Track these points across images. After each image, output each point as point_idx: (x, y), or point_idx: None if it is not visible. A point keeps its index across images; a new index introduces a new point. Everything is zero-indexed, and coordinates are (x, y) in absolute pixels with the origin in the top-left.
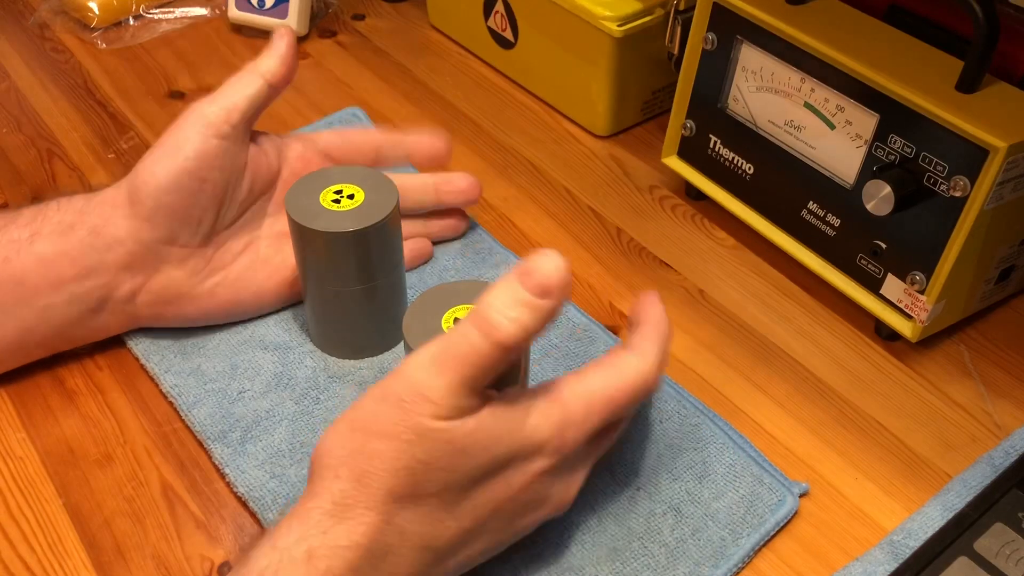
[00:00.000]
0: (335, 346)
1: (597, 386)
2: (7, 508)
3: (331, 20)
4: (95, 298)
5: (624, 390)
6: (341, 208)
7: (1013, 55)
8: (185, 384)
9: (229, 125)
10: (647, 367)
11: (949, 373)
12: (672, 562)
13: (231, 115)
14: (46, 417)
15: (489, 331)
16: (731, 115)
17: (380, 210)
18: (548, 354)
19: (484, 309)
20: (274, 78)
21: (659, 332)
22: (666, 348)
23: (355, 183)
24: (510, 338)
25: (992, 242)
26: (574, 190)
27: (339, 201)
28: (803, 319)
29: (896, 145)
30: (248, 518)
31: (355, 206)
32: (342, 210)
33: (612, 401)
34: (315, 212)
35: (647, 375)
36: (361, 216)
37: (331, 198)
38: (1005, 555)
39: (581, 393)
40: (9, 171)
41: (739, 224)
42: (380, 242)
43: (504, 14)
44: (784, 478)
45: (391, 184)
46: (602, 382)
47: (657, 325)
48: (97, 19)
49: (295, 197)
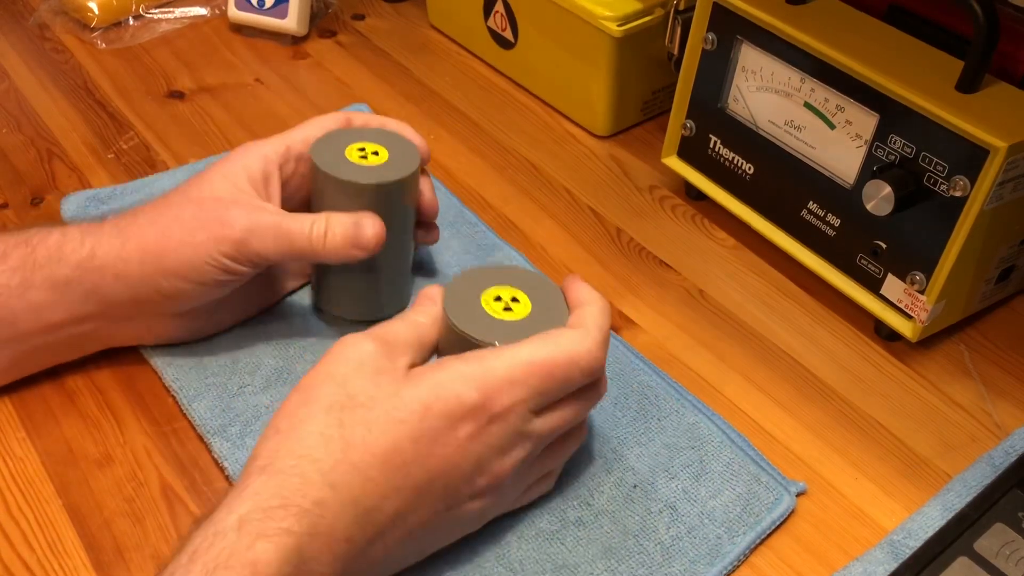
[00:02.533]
0: (338, 303)
1: (525, 353)
2: (7, 508)
3: (331, 20)
4: (95, 338)
5: (557, 361)
6: (367, 163)
7: (1013, 55)
8: (186, 378)
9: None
10: (586, 342)
11: (949, 373)
12: (667, 560)
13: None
14: (46, 417)
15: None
16: (731, 115)
17: (403, 169)
18: None
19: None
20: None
21: (597, 312)
22: (606, 326)
23: (380, 143)
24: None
25: (992, 242)
26: (574, 190)
27: (365, 157)
28: (803, 319)
29: (896, 145)
30: None
31: (380, 163)
32: (367, 165)
33: (542, 368)
34: (340, 163)
35: (585, 350)
36: (384, 172)
37: (357, 154)
38: (1005, 555)
39: (509, 359)
40: (9, 171)
41: (739, 224)
42: (399, 200)
43: (504, 14)
44: (781, 477)
45: (415, 148)
46: (532, 350)
47: (594, 303)
48: (97, 19)
49: (322, 148)
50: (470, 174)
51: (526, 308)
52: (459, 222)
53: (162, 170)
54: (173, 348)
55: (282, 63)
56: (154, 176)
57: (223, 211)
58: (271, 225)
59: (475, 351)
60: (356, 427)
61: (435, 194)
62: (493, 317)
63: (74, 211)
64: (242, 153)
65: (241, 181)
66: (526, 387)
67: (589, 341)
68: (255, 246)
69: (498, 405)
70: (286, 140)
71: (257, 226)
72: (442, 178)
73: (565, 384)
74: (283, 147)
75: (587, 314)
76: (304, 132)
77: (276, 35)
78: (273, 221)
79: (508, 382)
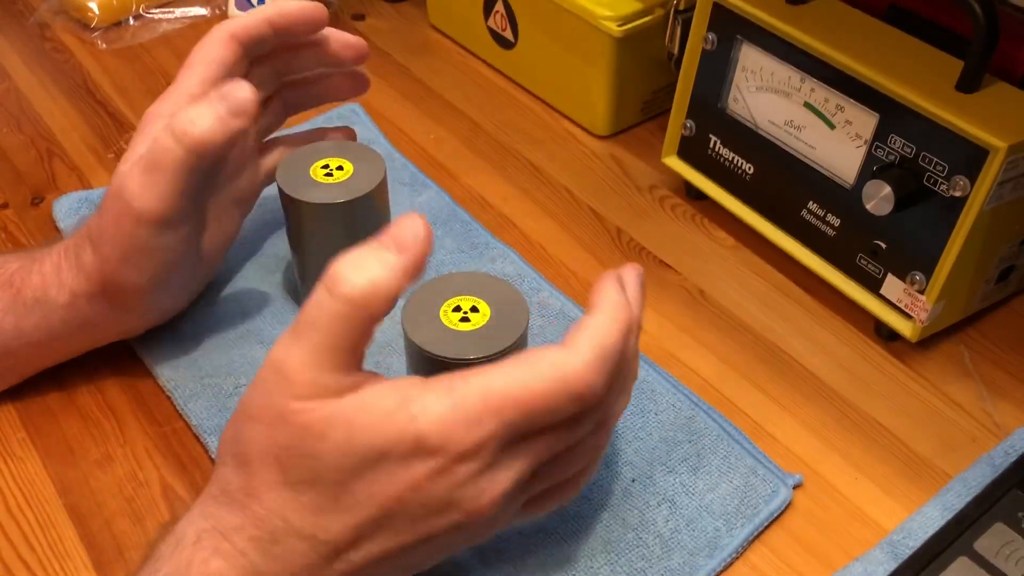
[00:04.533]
0: None
1: (500, 382)
2: (7, 508)
3: (331, 20)
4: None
5: (534, 392)
6: (332, 180)
7: (1013, 55)
8: (182, 378)
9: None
10: (572, 365)
11: (949, 373)
12: (666, 553)
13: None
14: (46, 417)
15: (334, 286)
16: (731, 115)
17: (370, 179)
18: None
19: (333, 266)
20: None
21: (600, 323)
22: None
23: (344, 157)
24: (355, 290)
25: (992, 242)
26: (574, 190)
27: (331, 174)
28: (803, 319)
29: (896, 145)
30: None
31: (346, 177)
32: (332, 182)
33: (518, 401)
34: (307, 186)
35: (570, 374)
36: (353, 186)
37: (322, 172)
38: (1005, 555)
39: (479, 387)
40: (9, 171)
41: (739, 224)
42: (367, 213)
43: (504, 14)
44: (778, 469)
45: (379, 158)
46: (508, 378)
47: (601, 312)
48: (97, 19)
49: (287, 171)
50: (470, 174)
51: (484, 317)
52: (452, 220)
53: None
54: (168, 349)
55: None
56: None
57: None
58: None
59: (442, 376)
60: (298, 473)
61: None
62: (449, 328)
63: (67, 213)
64: (143, 126)
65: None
66: (496, 422)
67: (575, 361)
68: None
69: (464, 444)
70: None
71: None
72: (442, 178)
73: (547, 414)
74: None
75: (583, 327)
76: (191, 77)
77: None
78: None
79: (476, 419)
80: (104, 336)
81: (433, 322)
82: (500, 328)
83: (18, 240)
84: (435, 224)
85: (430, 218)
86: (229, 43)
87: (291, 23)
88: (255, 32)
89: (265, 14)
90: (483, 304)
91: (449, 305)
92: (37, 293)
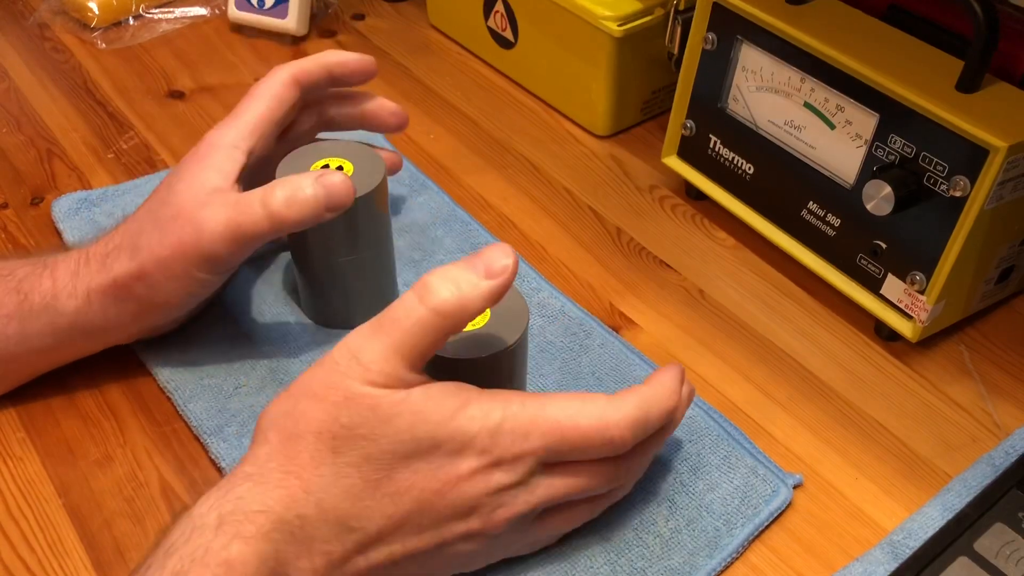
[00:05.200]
0: (324, 316)
1: (553, 410)
2: (7, 508)
3: (331, 20)
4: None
5: (579, 426)
6: None
7: (1013, 55)
8: (181, 378)
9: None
10: (614, 416)
11: (949, 373)
12: (667, 552)
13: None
14: (46, 417)
15: (425, 296)
16: (731, 115)
17: (370, 179)
18: (544, 351)
19: (426, 277)
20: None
21: (649, 395)
22: (649, 414)
23: (344, 157)
24: (445, 304)
25: (992, 242)
26: (574, 190)
27: None
28: (803, 319)
29: (896, 145)
30: None
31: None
32: None
33: (562, 430)
34: None
35: (610, 424)
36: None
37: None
38: (1005, 555)
39: (533, 409)
40: (9, 171)
41: (739, 224)
42: (367, 213)
43: (504, 14)
44: (778, 469)
45: (379, 159)
46: (559, 409)
47: (653, 388)
48: (97, 19)
49: (287, 171)
50: (470, 174)
51: (484, 317)
52: (452, 220)
53: (162, 169)
54: (168, 350)
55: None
56: (145, 178)
57: (190, 230)
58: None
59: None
60: (351, 454)
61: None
62: None
63: (66, 213)
64: (208, 153)
65: (213, 182)
66: (541, 442)
67: (620, 414)
68: (222, 256)
69: (509, 452)
70: (248, 125)
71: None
72: (442, 178)
73: (581, 449)
74: (248, 136)
75: (634, 391)
76: (256, 108)
77: (276, 35)
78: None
79: (524, 433)
80: (109, 341)
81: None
82: (500, 328)
83: (18, 240)
84: (435, 224)
85: (430, 218)
86: (290, 85)
87: (347, 72)
88: (315, 76)
89: (325, 61)
90: None
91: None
92: (46, 299)
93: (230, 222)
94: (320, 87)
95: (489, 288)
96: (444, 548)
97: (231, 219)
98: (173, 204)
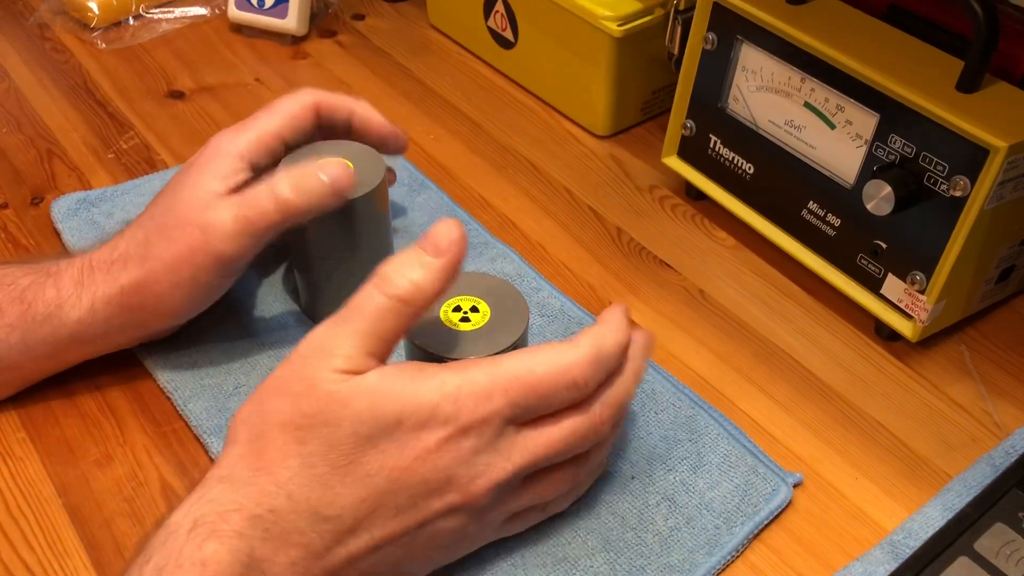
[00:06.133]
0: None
1: (509, 365)
2: (7, 508)
3: (331, 20)
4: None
5: (537, 374)
6: None
7: (1013, 55)
8: (181, 378)
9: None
10: (572, 355)
11: (949, 373)
12: (666, 551)
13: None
14: (46, 417)
15: (383, 285)
16: (731, 115)
17: (370, 180)
18: None
19: (382, 267)
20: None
21: (598, 332)
22: (603, 348)
23: (344, 157)
24: (401, 290)
25: (992, 242)
26: (574, 190)
27: None
28: (803, 319)
29: (896, 145)
30: None
31: None
32: None
33: (522, 382)
34: None
35: (570, 362)
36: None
37: None
38: (1005, 555)
39: (489, 368)
40: (9, 171)
41: (739, 224)
42: (367, 213)
43: (504, 14)
44: (778, 468)
45: (379, 158)
46: (516, 363)
47: (601, 326)
48: (97, 19)
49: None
50: (470, 174)
51: (484, 316)
52: None
53: (162, 169)
54: (167, 350)
55: (282, 63)
56: (145, 178)
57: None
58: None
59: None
60: (316, 443)
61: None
62: (449, 328)
63: (65, 213)
64: (213, 157)
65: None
66: (504, 399)
67: (575, 354)
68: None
69: (473, 416)
70: (258, 137)
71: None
72: (442, 178)
73: (545, 397)
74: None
75: (583, 332)
76: (270, 122)
77: (276, 35)
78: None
79: (485, 394)
80: (111, 348)
81: (433, 322)
82: (500, 328)
83: (18, 240)
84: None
85: (430, 218)
86: (311, 109)
87: (370, 133)
88: (337, 115)
89: (354, 108)
90: (483, 304)
91: (449, 305)
92: (50, 308)
93: (238, 218)
94: (336, 130)
95: (442, 266)
96: (426, 527)
97: (238, 215)
98: (178, 212)
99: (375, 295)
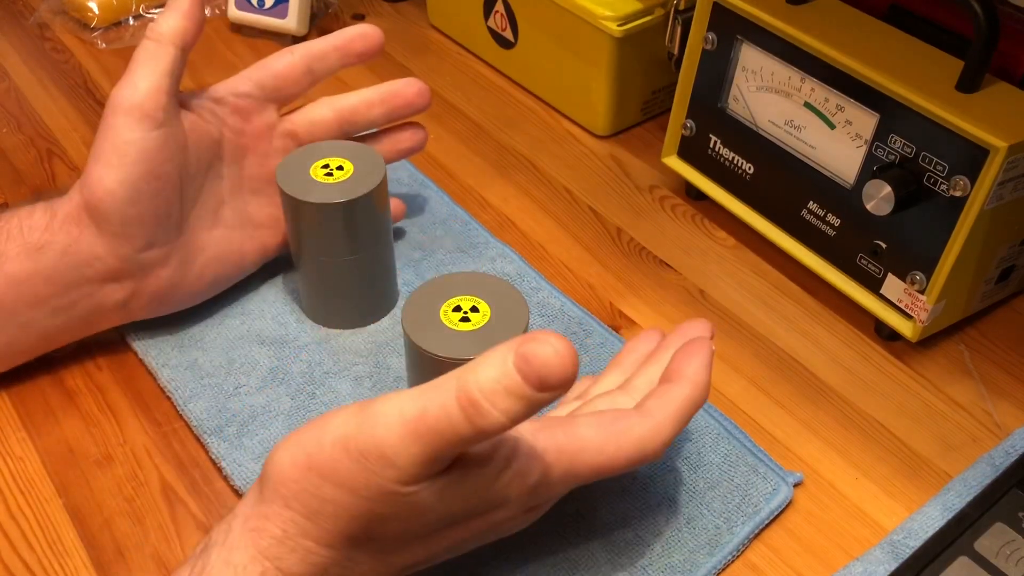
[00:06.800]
0: (324, 316)
1: (589, 456)
2: (7, 508)
3: (331, 20)
4: (83, 308)
5: (615, 457)
6: (332, 180)
7: (1013, 55)
8: (182, 378)
9: (162, 111)
10: (652, 435)
11: (949, 373)
12: (667, 551)
13: (159, 98)
14: (46, 417)
15: (473, 416)
16: (731, 115)
17: (370, 180)
18: None
19: (473, 388)
20: (184, 39)
21: (683, 396)
22: (686, 411)
23: (344, 157)
24: (494, 427)
25: (992, 242)
26: (574, 190)
27: (331, 174)
28: (803, 319)
29: (896, 145)
30: None
31: (346, 178)
32: (332, 182)
33: (598, 468)
34: (307, 185)
35: (648, 444)
36: (352, 187)
37: (322, 172)
38: (1005, 555)
39: (568, 459)
40: (9, 171)
41: (739, 224)
42: (367, 213)
43: (504, 14)
44: (778, 467)
45: (379, 158)
46: (596, 452)
47: (686, 387)
48: (97, 19)
49: (287, 171)
50: (470, 174)
51: (484, 317)
52: (451, 220)
53: None
54: (168, 350)
55: None
56: None
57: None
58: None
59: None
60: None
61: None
62: (449, 328)
63: None
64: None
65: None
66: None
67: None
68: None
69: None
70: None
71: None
72: (442, 178)
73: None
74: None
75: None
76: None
77: (276, 35)
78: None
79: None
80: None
81: (433, 322)
82: (500, 328)
83: None
84: (434, 224)
85: (430, 218)
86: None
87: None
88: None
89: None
90: (483, 304)
91: (449, 305)
92: (23, 221)
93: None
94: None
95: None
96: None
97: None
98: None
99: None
